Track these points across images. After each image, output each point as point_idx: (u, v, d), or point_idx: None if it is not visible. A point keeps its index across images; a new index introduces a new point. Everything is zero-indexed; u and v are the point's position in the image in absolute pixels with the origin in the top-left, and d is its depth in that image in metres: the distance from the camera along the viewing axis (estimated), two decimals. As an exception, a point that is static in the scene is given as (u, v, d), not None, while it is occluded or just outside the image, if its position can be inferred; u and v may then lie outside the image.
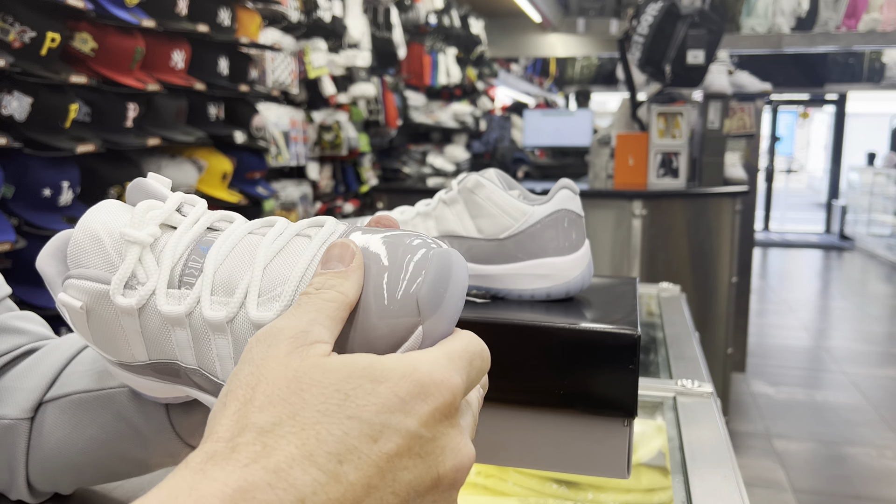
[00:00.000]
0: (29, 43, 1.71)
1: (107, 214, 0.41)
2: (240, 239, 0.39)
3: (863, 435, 3.17)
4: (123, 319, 0.40)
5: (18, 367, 0.53)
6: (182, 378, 0.41)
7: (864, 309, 5.73)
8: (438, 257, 0.35)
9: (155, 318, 0.39)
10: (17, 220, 1.75)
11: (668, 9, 2.84)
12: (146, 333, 0.40)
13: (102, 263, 0.40)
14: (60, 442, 0.51)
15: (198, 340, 0.38)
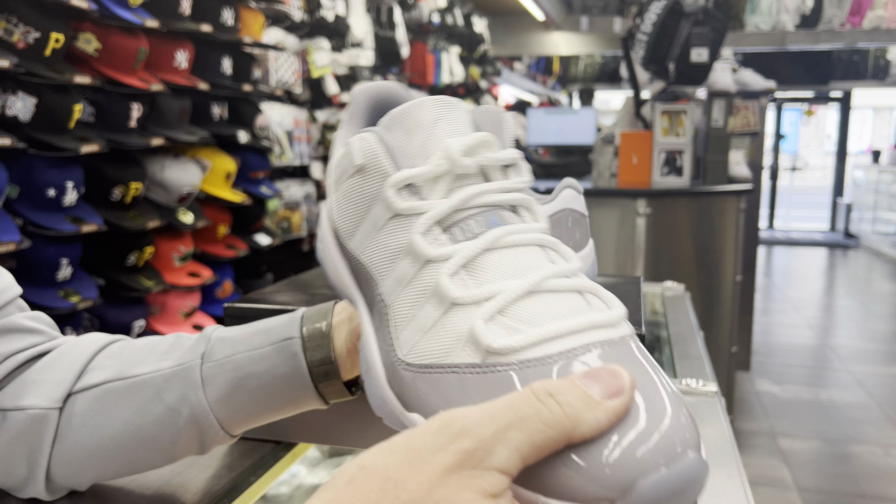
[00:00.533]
0: (33, 43, 1.71)
1: (444, 110, 0.37)
2: (527, 243, 0.34)
3: (868, 433, 3.16)
4: (376, 207, 0.37)
5: (41, 361, 0.54)
6: (363, 289, 0.39)
7: (870, 307, 5.71)
8: (693, 465, 0.29)
9: (401, 234, 0.36)
10: (22, 220, 1.75)
11: (672, 7, 2.83)
12: (380, 236, 0.36)
13: (404, 145, 0.36)
14: (93, 429, 0.52)
15: (410, 287, 0.35)
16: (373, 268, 0.37)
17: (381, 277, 0.37)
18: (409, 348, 0.34)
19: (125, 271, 2.03)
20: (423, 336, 0.34)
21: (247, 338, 0.52)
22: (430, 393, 0.33)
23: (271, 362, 0.51)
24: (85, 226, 1.83)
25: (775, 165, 10.11)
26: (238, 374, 0.51)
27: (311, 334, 0.51)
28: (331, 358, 0.51)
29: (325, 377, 0.51)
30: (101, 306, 1.95)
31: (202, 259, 2.39)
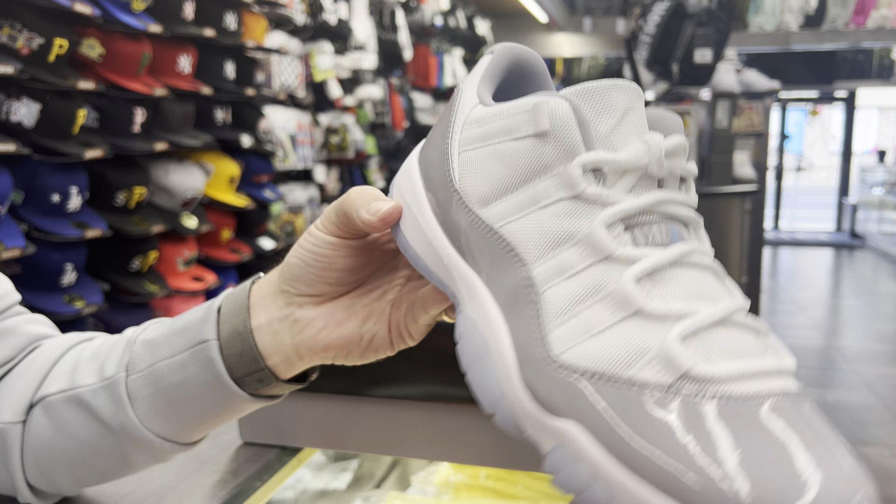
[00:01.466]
0: (37, 49, 1.71)
1: (637, 100, 0.33)
2: (706, 266, 0.32)
3: (875, 435, 3.14)
4: (546, 181, 0.32)
5: (15, 370, 0.54)
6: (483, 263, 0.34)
7: (876, 308, 5.69)
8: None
9: (575, 220, 0.31)
10: (27, 225, 1.75)
11: (675, 8, 2.83)
12: (542, 214, 0.32)
13: (596, 125, 0.32)
14: (45, 443, 0.51)
15: (574, 280, 0.31)
16: (521, 246, 0.32)
17: (533, 259, 0.32)
18: (567, 348, 0.30)
19: (129, 276, 2.04)
20: (589, 338, 0.30)
21: (167, 340, 0.47)
22: (598, 403, 0.29)
23: (190, 370, 0.46)
24: (89, 231, 1.83)
25: (780, 166, 10.10)
26: (161, 386, 0.47)
27: (229, 336, 0.45)
28: (258, 362, 0.45)
29: (260, 383, 0.46)
30: (105, 311, 1.95)
31: (206, 263, 2.40)
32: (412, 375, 0.65)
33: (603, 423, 0.28)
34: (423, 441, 0.66)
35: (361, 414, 0.67)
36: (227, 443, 0.72)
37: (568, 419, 0.29)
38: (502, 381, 0.32)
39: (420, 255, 0.39)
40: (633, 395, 0.28)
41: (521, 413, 0.32)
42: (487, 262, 0.34)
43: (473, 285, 0.35)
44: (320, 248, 0.43)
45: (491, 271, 0.34)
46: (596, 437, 0.28)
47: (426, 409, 0.65)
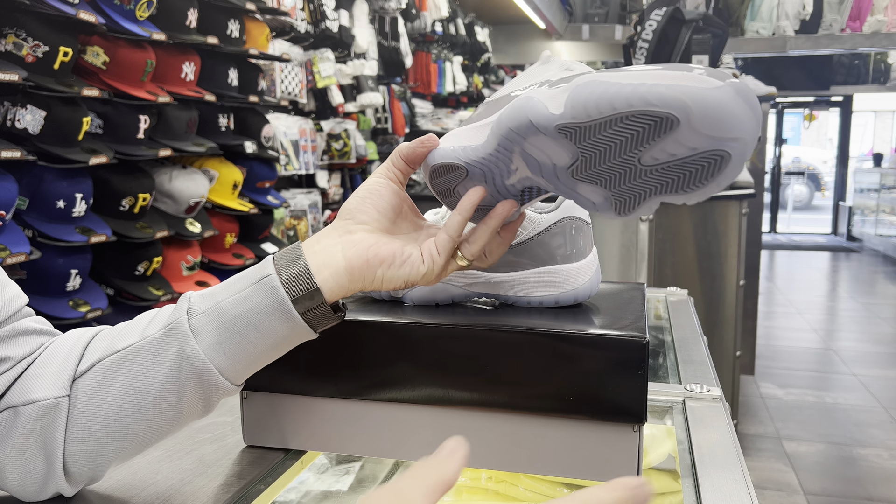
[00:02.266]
0: (42, 57, 1.73)
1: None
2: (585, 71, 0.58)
3: (874, 436, 3.16)
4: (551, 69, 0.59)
5: (41, 357, 0.58)
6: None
7: (873, 310, 5.71)
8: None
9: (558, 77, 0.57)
10: (32, 231, 1.77)
11: (672, 14, 2.85)
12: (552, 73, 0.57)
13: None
14: (100, 406, 0.55)
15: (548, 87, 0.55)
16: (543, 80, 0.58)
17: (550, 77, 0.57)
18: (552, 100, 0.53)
19: (134, 281, 2.05)
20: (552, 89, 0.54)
21: (225, 287, 0.57)
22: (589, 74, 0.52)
23: (254, 300, 0.55)
24: (94, 236, 1.85)
25: (777, 169, 10.12)
26: (225, 319, 0.55)
27: (285, 265, 0.56)
28: (311, 279, 0.56)
29: (310, 300, 0.56)
30: (109, 316, 1.97)
31: (210, 268, 2.41)
32: (414, 379, 0.66)
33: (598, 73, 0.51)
34: (425, 444, 0.67)
35: (364, 417, 0.68)
36: (230, 446, 0.72)
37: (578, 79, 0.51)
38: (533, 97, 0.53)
39: (454, 144, 0.59)
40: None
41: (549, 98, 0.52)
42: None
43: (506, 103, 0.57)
44: (375, 186, 0.60)
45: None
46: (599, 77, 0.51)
47: (428, 412, 0.66)
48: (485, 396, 0.64)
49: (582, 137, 0.51)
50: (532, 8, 5.18)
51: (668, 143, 0.48)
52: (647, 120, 0.48)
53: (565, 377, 0.61)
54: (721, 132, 0.46)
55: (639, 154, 0.50)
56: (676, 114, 0.47)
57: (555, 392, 0.62)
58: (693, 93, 0.46)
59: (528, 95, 0.54)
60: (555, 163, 0.54)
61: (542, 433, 0.63)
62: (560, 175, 0.55)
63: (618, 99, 0.48)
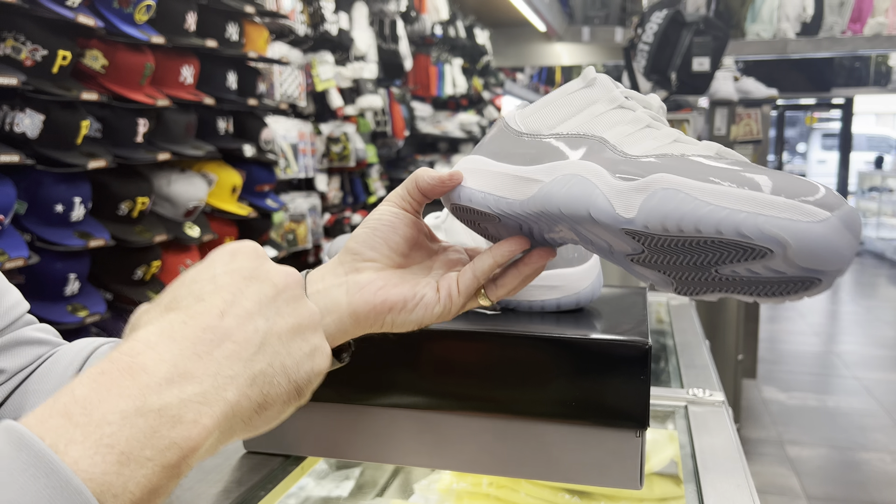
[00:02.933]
0: (40, 61, 1.73)
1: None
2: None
3: (876, 440, 3.15)
4: (598, 105, 0.52)
5: (39, 370, 0.56)
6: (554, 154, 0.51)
7: (875, 313, 5.70)
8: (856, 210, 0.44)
9: (623, 115, 0.51)
10: (30, 235, 1.76)
11: (673, 16, 2.85)
12: (600, 117, 0.51)
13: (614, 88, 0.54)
14: None
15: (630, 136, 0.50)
16: (591, 130, 0.51)
17: (602, 132, 0.50)
18: (643, 151, 0.48)
19: (132, 285, 2.05)
20: (655, 148, 0.48)
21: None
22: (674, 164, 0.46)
23: None
24: (92, 241, 1.84)
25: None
26: None
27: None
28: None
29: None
30: (108, 320, 1.96)
31: (208, 272, 2.40)
32: (415, 384, 0.65)
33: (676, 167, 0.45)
34: (425, 449, 0.67)
35: (364, 423, 0.68)
36: (230, 452, 0.72)
37: (653, 174, 0.45)
38: (605, 189, 0.47)
39: (488, 190, 0.53)
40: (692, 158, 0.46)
41: (620, 194, 0.46)
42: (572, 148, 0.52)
43: (554, 165, 0.51)
44: (387, 216, 0.54)
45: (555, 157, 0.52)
46: (676, 173, 0.44)
47: (428, 417, 0.66)
48: (486, 402, 0.63)
49: (652, 243, 0.46)
50: (532, 10, 5.18)
51: (754, 265, 0.44)
52: (735, 247, 0.43)
53: (567, 382, 0.61)
54: (819, 266, 0.42)
55: (717, 267, 0.45)
56: (772, 248, 0.41)
57: (556, 397, 0.61)
58: (796, 228, 0.40)
59: (589, 182, 0.48)
60: (612, 247, 0.50)
61: (544, 438, 0.63)
62: (616, 257, 0.51)
63: (706, 223, 0.42)
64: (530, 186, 0.51)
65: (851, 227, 0.41)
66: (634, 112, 0.51)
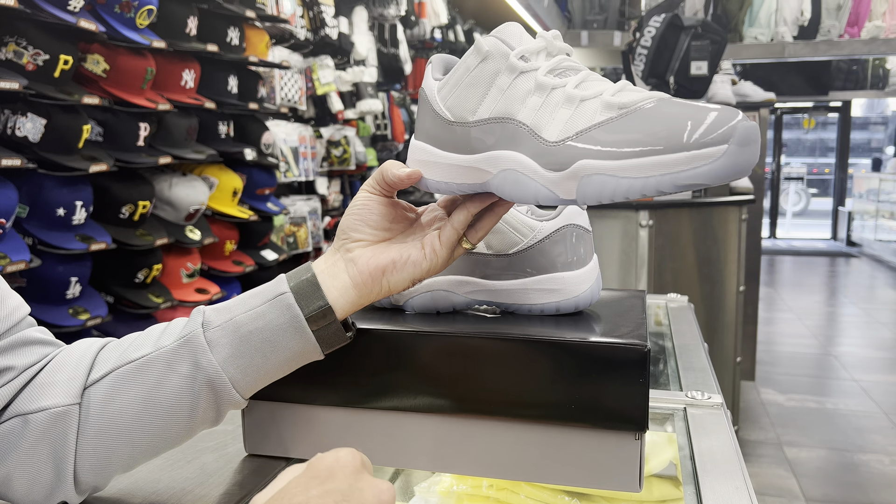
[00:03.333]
0: (42, 65, 1.74)
1: (521, 28, 0.58)
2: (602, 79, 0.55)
3: (875, 442, 3.15)
4: (501, 77, 0.55)
5: (50, 366, 0.58)
6: (486, 144, 0.56)
7: (873, 315, 5.71)
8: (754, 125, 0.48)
9: (527, 82, 0.54)
10: (32, 239, 1.77)
11: (671, 21, 2.86)
12: (509, 91, 0.55)
13: (511, 40, 0.56)
14: (114, 414, 0.56)
15: (542, 108, 0.53)
16: (505, 113, 0.55)
17: (514, 115, 0.55)
18: (557, 136, 0.53)
19: (134, 288, 2.05)
20: (565, 125, 0.52)
21: (240, 302, 0.59)
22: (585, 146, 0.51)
23: (269, 317, 0.58)
24: (94, 244, 1.85)
25: (776, 175, 10.13)
26: (240, 333, 0.57)
27: (300, 285, 0.59)
28: (324, 302, 0.59)
29: (323, 318, 0.59)
30: (109, 323, 1.97)
31: (210, 275, 2.41)
32: (415, 387, 0.66)
33: (593, 151, 0.51)
34: (425, 452, 0.67)
35: (365, 426, 0.68)
36: (232, 455, 0.72)
37: (576, 162, 0.51)
38: (536, 179, 0.54)
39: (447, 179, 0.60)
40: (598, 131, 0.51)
41: (552, 183, 0.53)
42: (492, 139, 0.56)
43: (492, 156, 0.56)
44: (362, 202, 0.62)
45: (496, 143, 0.56)
46: (596, 158, 0.50)
47: (428, 421, 0.66)
48: (486, 405, 0.64)
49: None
50: (531, 14, 5.19)
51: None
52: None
53: (566, 385, 0.61)
54: (734, 178, 0.48)
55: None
56: (692, 188, 0.49)
57: (556, 400, 0.62)
58: (704, 172, 0.47)
59: (527, 177, 0.54)
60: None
61: (544, 441, 0.63)
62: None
63: (633, 192, 0.50)
64: (481, 174, 0.58)
65: (748, 142, 0.47)
66: (537, 76, 0.54)
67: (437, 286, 0.71)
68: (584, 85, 0.54)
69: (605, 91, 0.52)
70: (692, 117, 0.48)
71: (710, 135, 0.47)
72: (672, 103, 0.50)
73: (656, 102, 0.51)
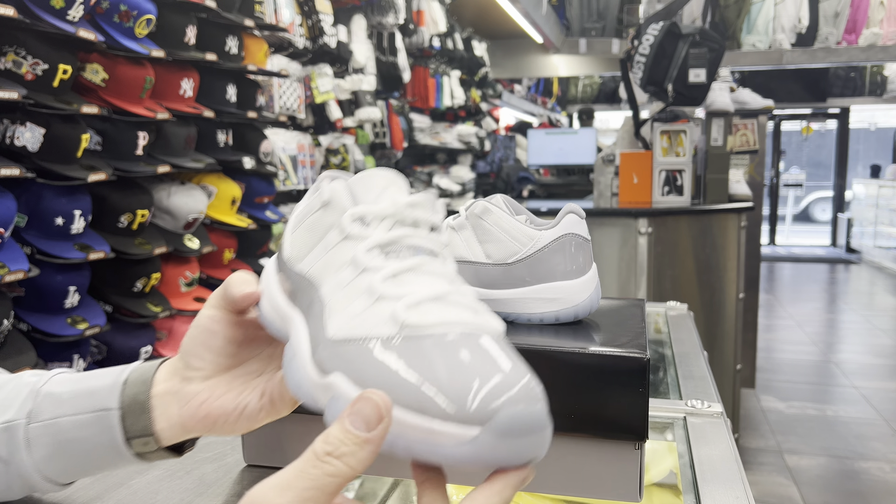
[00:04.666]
0: (41, 75, 1.74)
1: (396, 178, 0.49)
2: (440, 274, 0.45)
3: (875, 449, 3.15)
4: (331, 233, 0.47)
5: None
6: (301, 303, 0.48)
7: (873, 322, 5.70)
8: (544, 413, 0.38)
9: (347, 251, 0.46)
10: (30, 248, 1.77)
11: (669, 28, 2.87)
12: (329, 254, 0.46)
13: (362, 193, 0.47)
14: None
15: (346, 288, 0.44)
16: (316, 278, 0.47)
17: (322, 283, 0.46)
18: (336, 331, 0.43)
19: (132, 297, 2.05)
20: (350, 320, 0.43)
21: (73, 398, 0.55)
22: (350, 359, 0.41)
23: (91, 430, 0.54)
24: (92, 253, 1.85)
25: (775, 182, 10.15)
26: (60, 439, 0.54)
27: (130, 405, 0.54)
28: (149, 430, 0.53)
29: (145, 445, 0.54)
30: (108, 332, 1.96)
31: (208, 284, 2.41)
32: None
33: (352, 370, 0.40)
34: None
35: (366, 434, 0.68)
36: (230, 465, 0.71)
37: (334, 373, 0.41)
38: (302, 368, 0.44)
39: (270, 318, 0.51)
40: (372, 346, 0.41)
41: (312, 384, 0.43)
42: (301, 299, 0.48)
43: (295, 319, 0.48)
44: (205, 321, 0.53)
45: (300, 305, 0.48)
46: (351, 379, 0.40)
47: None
48: (485, 414, 0.63)
49: None
50: (529, 22, 5.21)
51: None
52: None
53: (565, 395, 0.61)
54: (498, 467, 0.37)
55: None
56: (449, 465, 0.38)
57: (555, 410, 0.61)
58: (443, 453, 0.36)
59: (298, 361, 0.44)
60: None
61: (543, 451, 0.63)
62: None
63: None
64: (287, 325, 0.50)
65: (513, 433, 0.35)
66: (358, 248, 0.45)
67: (435, 295, 0.71)
68: (401, 277, 0.43)
69: (408, 294, 0.42)
70: (480, 374, 0.37)
71: (473, 405, 0.36)
72: (475, 346, 0.39)
73: (457, 336, 0.39)
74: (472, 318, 0.41)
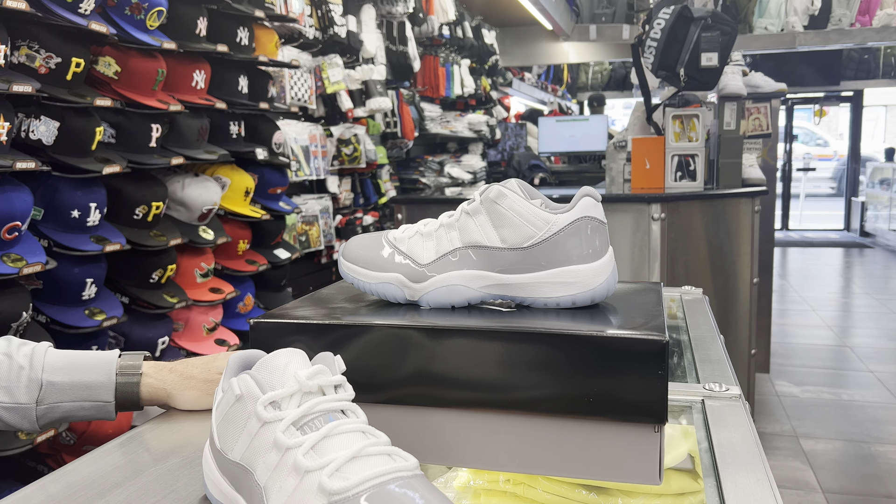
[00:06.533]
0: (54, 68, 1.75)
1: (293, 356, 0.55)
2: (353, 430, 0.50)
3: (891, 433, 3.13)
4: (251, 422, 0.52)
5: None
6: (242, 488, 0.53)
7: (888, 305, 5.66)
8: None
9: (268, 436, 0.50)
10: (48, 241, 1.78)
11: (681, 12, 2.85)
12: (254, 441, 0.51)
13: (268, 379, 0.53)
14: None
15: (276, 469, 0.49)
16: (249, 464, 0.51)
17: (255, 469, 0.51)
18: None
19: (149, 288, 2.07)
20: (287, 500, 0.47)
21: (72, 389, 0.79)
22: None
23: (89, 412, 0.80)
24: (109, 245, 1.86)
25: (788, 166, 10.06)
26: (64, 416, 0.79)
27: (122, 398, 0.80)
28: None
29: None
30: (125, 323, 1.98)
31: (223, 275, 2.42)
32: (430, 381, 0.66)
33: None
34: (441, 447, 0.67)
35: (380, 421, 0.69)
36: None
37: None
38: None
39: (217, 496, 0.57)
40: None
41: None
42: (242, 485, 0.53)
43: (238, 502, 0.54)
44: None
45: (243, 491, 0.53)
46: None
47: (445, 415, 0.66)
48: (502, 398, 0.64)
49: None
50: (539, 9, 5.18)
51: None
52: None
53: (584, 378, 0.61)
54: None
55: None
56: None
57: (574, 393, 0.62)
58: None
59: None
60: None
61: (562, 434, 0.63)
62: None
63: None
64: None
65: None
66: (276, 430, 0.50)
67: (451, 281, 0.71)
68: (319, 446, 0.49)
69: (329, 462, 0.47)
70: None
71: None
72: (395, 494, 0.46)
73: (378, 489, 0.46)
74: (388, 465, 0.48)
